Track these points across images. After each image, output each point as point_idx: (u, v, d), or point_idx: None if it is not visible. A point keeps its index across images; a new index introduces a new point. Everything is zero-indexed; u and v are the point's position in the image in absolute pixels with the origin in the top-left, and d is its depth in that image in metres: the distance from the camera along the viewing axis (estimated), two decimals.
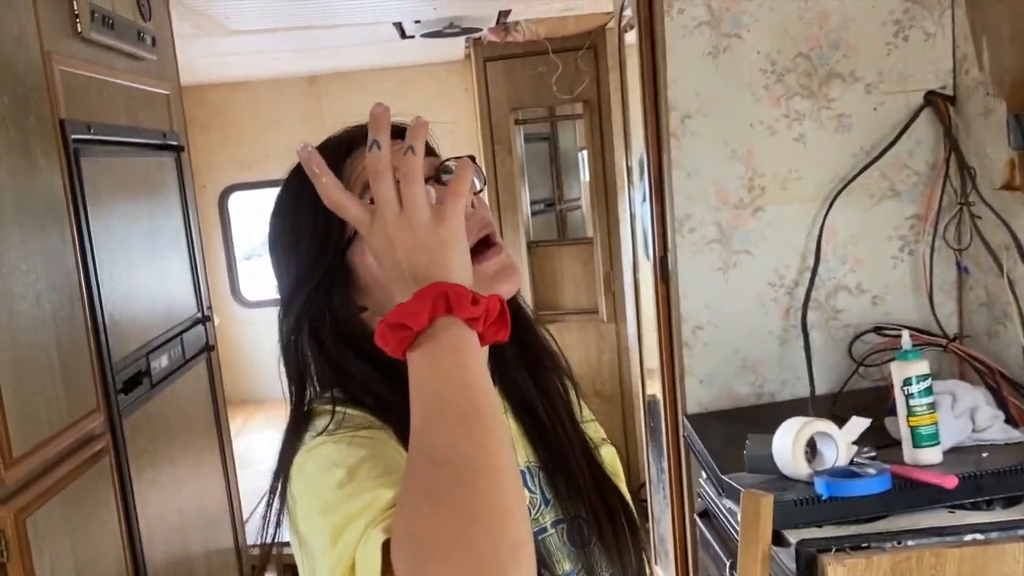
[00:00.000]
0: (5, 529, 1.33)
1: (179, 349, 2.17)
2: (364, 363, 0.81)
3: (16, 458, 1.37)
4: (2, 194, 1.41)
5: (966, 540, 1.56)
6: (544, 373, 0.94)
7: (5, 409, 1.34)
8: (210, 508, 2.39)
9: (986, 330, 2.07)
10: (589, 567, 0.90)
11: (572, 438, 0.94)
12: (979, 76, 1.99)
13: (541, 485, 0.90)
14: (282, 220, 0.87)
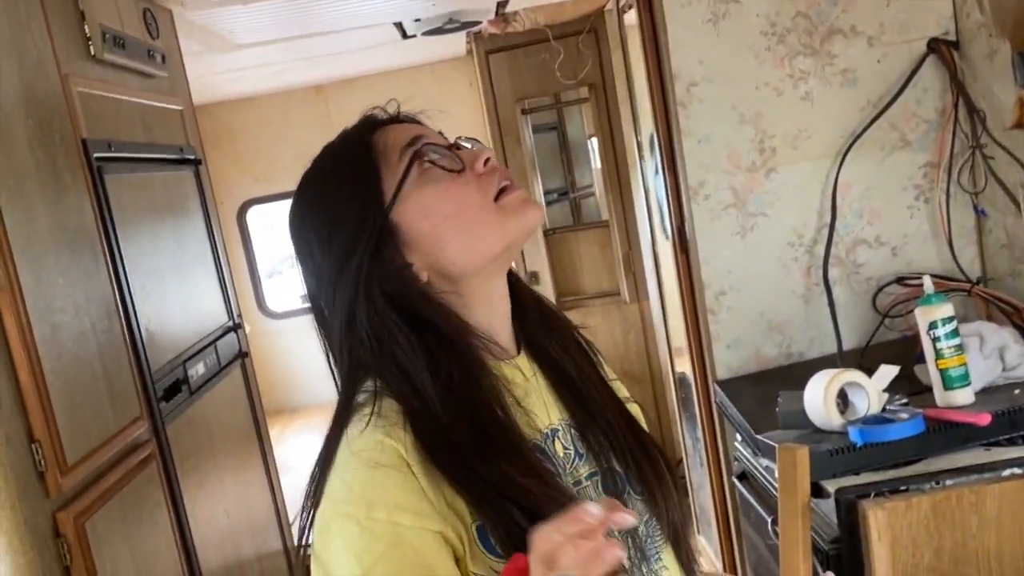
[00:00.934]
0: (66, 534, 1.38)
1: (214, 357, 2.22)
2: (409, 329, 0.85)
3: (71, 465, 1.42)
4: (35, 212, 1.46)
5: (1004, 475, 1.57)
6: (563, 333, 0.99)
7: (56, 418, 1.39)
8: (257, 511, 2.44)
9: (1009, 271, 2.08)
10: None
11: (601, 392, 0.98)
12: (980, 19, 2.00)
13: (574, 440, 0.94)
14: (317, 196, 0.90)
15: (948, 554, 1.57)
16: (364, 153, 0.88)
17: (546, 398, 0.94)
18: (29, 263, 1.40)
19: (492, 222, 0.87)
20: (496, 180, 0.87)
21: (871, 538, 1.56)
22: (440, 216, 0.86)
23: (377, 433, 0.82)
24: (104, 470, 1.55)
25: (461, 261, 0.87)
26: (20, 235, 1.39)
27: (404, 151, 0.87)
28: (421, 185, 0.87)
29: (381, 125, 0.92)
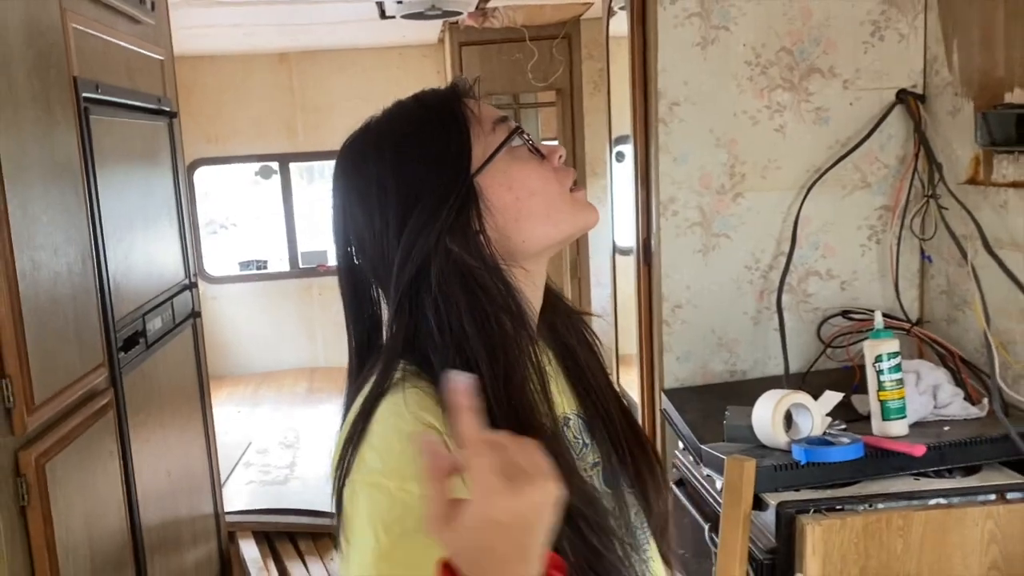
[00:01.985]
0: (27, 473, 1.36)
1: (170, 313, 2.19)
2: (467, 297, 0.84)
3: (37, 404, 1.40)
4: (26, 144, 1.43)
5: (931, 504, 1.69)
6: (577, 326, 1.01)
7: (29, 356, 1.37)
8: (194, 472, 2.41)
9: (945, 316, 2.21)
10: (620, 501, 0.95)
11: (605, 386, 1.00)
12: (948, 77, 2.13)
13: (582, 431, 0.96)
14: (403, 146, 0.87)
15: (873, 573, 1.67)
16: (462, 114, 0.88)
17: (561, 386, 0.96)
18: (17, 195, 1.38)
19: (568, 210, 0.90)
20: (571, 176, 0.91)
21: (806, 552, 1.66)
22: (526, 191, 0.88)
23: (414, 407, 0.80)
24: (65, 413, 1.53)
25: (531, 239, 0.89)
26: (12, 164, 1.36)
27: (498, 124, 0.89)
28: (510, 161, 0.88)
29: (470, 95, 0.92)
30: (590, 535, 0.80)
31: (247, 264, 5.28)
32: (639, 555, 0.94)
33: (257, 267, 5.27)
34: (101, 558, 1.68)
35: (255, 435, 3.83)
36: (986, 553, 1.68)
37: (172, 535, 2.20)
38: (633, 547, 0.93)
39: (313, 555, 2.85)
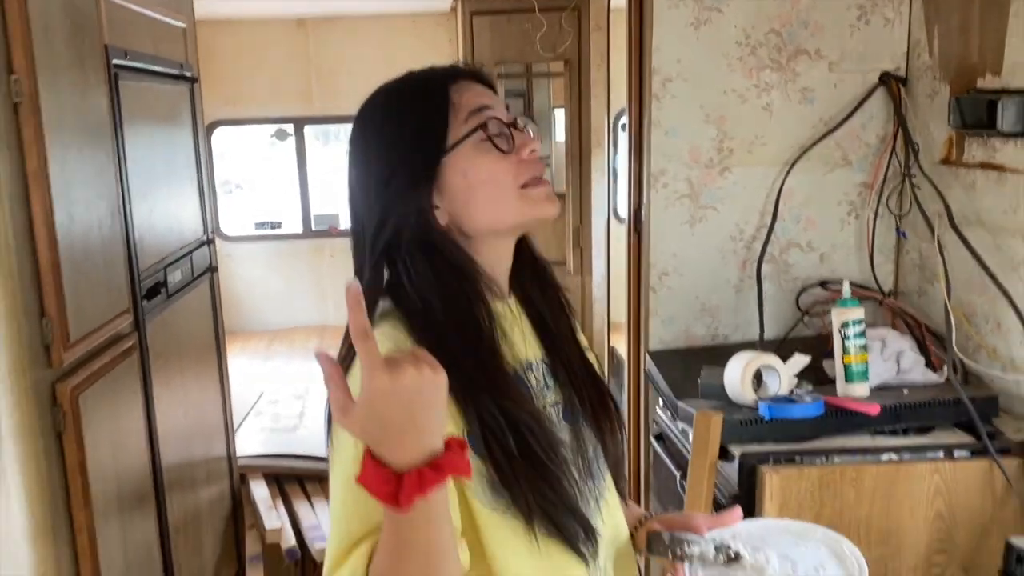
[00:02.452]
0: (63, 403, 1.53)
1: (189, 267, 2.35)
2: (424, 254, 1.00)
3: (71, 342, 1.56)
4: (64, 106, 1.58)
5: (883, 459, 1.84)
6: (551, 290, 1.16)
7: (65, 299, 1.53)
8: (209, 418, 2.59)
9: (917, 288, 2.34)
10: (579, 438, 1.11)
11: (571, 341, 1.15)
12: (929, 61, 2.24)
13: (545, 375, 1.11)
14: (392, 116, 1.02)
15: (827, 520, 1.82)
16: (443, 99, 1.00)
17: (527, 336, 1.11)
18: (57, 153, 1.53)
19: (513, 204, 1.02)
20: (531, 170, 1.02)
21: (765, 497, 1.81)
22: (477, 181, 1.01)
23: (387, 346, 0.94)
24: (95, 353, 1.69)
25: (478, 222, 1.03)
26: (53, 125, 1.51)
27: (472, 115, 1.01)
28: (473, 149, 1.01)
29: (462, 78, 1.04)
30: (535, 445, 0.96)
31: (262, 224, 5.45)
32: (593, 481, 1.10)
33: (271, 227, 5.43)
34: (127, 486, 1.86)
35: (267, 387, 4.02)
36: (932, 504, 1.83)
37: (188, 474, 2.38)
38: (588, 473, 1.09)
39: (319, 496, 3.03)
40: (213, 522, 2.58)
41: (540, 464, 0.97)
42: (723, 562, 1.06)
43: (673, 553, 1.08)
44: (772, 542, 1.11)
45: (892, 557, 1.85)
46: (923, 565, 1.86)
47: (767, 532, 1.14)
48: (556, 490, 0.98)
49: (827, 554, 1.09)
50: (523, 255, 1.12)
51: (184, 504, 2.32)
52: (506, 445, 0.95)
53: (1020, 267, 1.91)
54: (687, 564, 1.08)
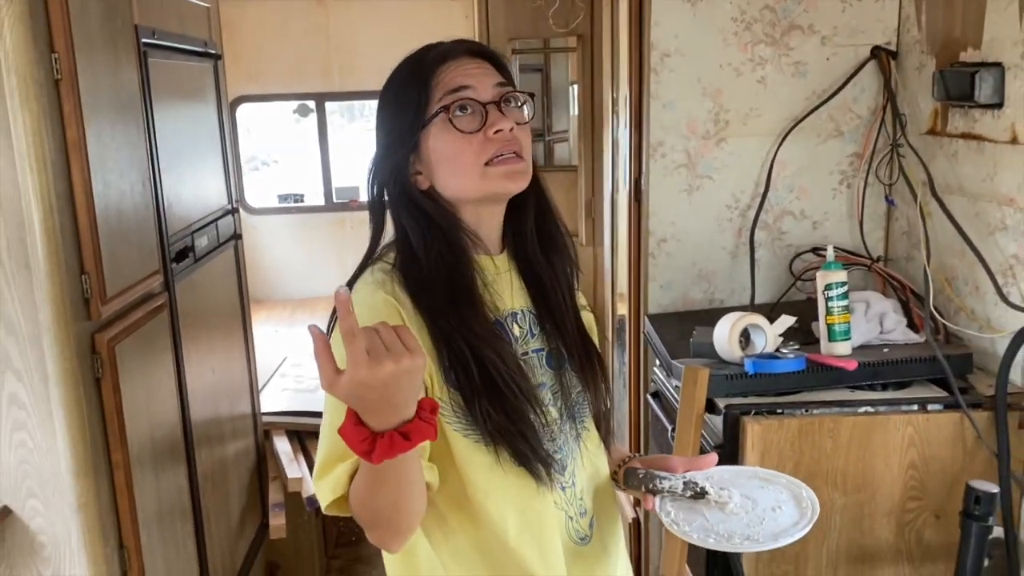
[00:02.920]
0: (101, 352, 1.69)
1: (215, 233, 2.51)
2: (413, 209, 1.16)
3: (108, 297, 1.72)
4: (100, 82, 1.73)
5: (859, 412, 1.96)
6: (557, 258, 1.26)
7: (102, 257, 1.68)
8: (234, 376, 2.75)
9: (905, 254, 2.45)
10: (562, 383, 1.24)
11: (566, 300, 1.26)
12: (917, 35, 2.33)
13: (529, 323, 1.23)
14: (389, 95, 1.18)
15: (805, 468, 1.96)
16: (425, 82, 1.14)
17: (515, 288, 1.22)
18: (94, 125, 1.67)
19: (474, 178, 1.14)
20: (495, 148, 1.13)
21: (747, 447, 1.94)
22: (441, 156, 1.14)
23: (381, 292, 1.11)
24: (129, 308, 1.85)
25: (446, 192, 1.17)
26: (89, 100, 1.65)
27: (447, 94, 1.13)
28: (441, 126, 1.13)
29: (460, 54, 1.16)
30: (498, 377, 1.11)
31: (285, 197, 5.61)
32: (574, 423, 1.23)
33: (295, 200, 5.59)
34: (159, 435, 2.02)
35: (291, 352, 4.19)
36: (905, 455, 1.95)
37: (216, 428, 2.55)
38: (570, 415, 1.23)
39: None
40: (239, 473, 2.76)
41: (502, 394, 1.11)
42: (689, 496, 1.18)
43: (646, 487, 1.21)
44: (739, 484, 1.23)
45: (868, 503, 1.98)
46: (897, 511, 1.98)
47: (737, 476, 1.26)
48: (514, 419, 1.12)
49: (787, 496, 1.20)
50: (528, 225, 1.23)
51: (212, 456, 2.49)
52: (472, 376, 1.09)
53: (996, 232, 2.02)
54: (658, 497, 1.20)
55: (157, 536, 1.95)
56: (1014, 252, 1.95)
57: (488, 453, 1.12)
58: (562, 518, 1.20)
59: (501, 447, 1.12)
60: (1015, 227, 1.94)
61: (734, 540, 1.12)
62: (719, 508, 1.17)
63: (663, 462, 1.28)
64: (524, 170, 1.16)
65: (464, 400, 1.11)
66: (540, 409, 1.16)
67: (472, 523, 1.14)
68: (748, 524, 1.15)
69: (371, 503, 1.02)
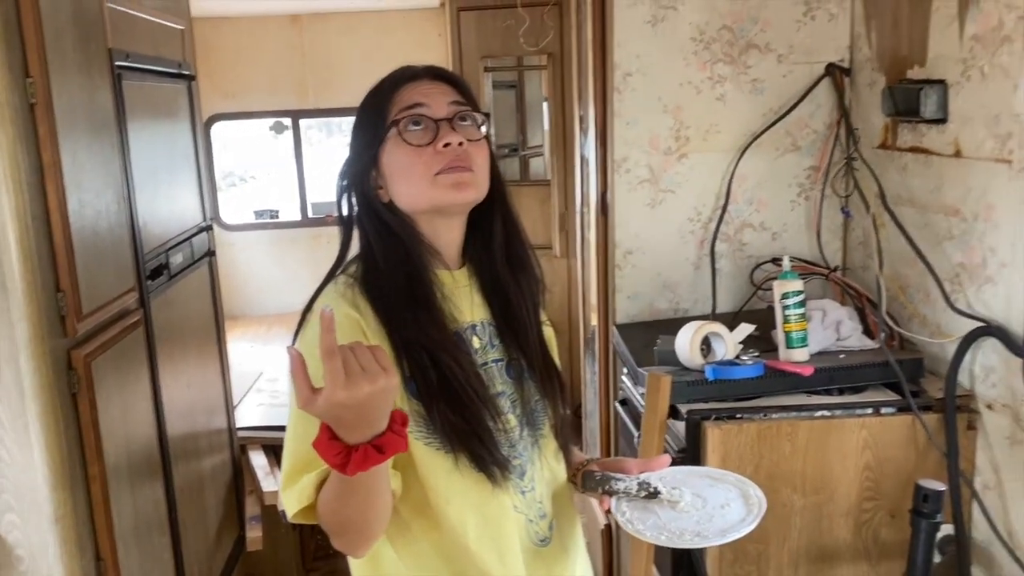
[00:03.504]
0: (77, 368, 1.73)
1: (189, 250, 2.55)
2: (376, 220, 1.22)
3: (84, 314, 1.76)
4: (75, 105, 1.78)
5: (816, 416, 2.03)
6: (523, 277, 1.31)
7: (78, 275, 1.73)
8: (210, 392, 2.79)
9: (861, 264, 2.54)
10: (522, 392, 1.28)
11: (530, 314, 1.31)
12: (868, 53, 2.42)
13: (489, 335, 1.27)
14: (359, 114, 1.25)
15: (765, 471, 2.03)
16: (385, 101, 1.21)
17: (475, 301, 1.27)
18: (68, 147, 1.72)
19: (424, 188, 1.19)
20: (443, 160, 1.18)
21: (708, 450, 2.01)
22: (395, 168, 1.20)
23: (346, 306, 1.16)
24: (105, 325, 1.89)
25: (401, 204, 1.22)
26: (64, 122, 1.70)
27: (401, 111, 1.20)
28: (394, 142, 1.20)
29: (424, 77, 1.23)
30: (456, 384, 1.16)
31: (261, 213, 5.65)
32: (532, 430, 1.28)
33: (270, 216, 5.63)
34: (136, 449, 2.06)
35: (266, 367, 4.23)
36: (860, 456, 2.03)
37: (192, 443, 2.58)
38: (530, 422, 1.28)
39: None
40: (216, 487, 2.79)
41: (459, 399, 1.16)
42: (643, 496, 1.23)
43: (603, 489, 1.27)
44: (690, 483, 1.28)
45: (826, 504, 2.05)
46: (854, 511, 2.06)
47: (688, 476, 1.31)
48: (471, 422, 1.16)
49: (735, 494, 1.26)
50: (494, 236, 1.28)
51: (188, 469, 2.52)
52: (430, 382, 1.14)
53: (943, 242, 2.11)
54: (614, 498, 1.26)
55: (134, 549, 1.99)
56: (960, 260, 2.04)
57: (447, 458, 1.16)
58: (522, 521, 1.24)
59: (460, 452, 1.16)
60: (960, 237, 2.03)
61: (685, 537, 1.18)
62: (671, 507, 1.23)
63: (619, 464, 1.33)
64: (472, 181, 1.19)
65: (424, 406, 1.15)
66: (498, 415, 1.21)
67: (433, 528, 1.19)
68: (698, 521, 1.20)
69: (341, 512, 1.07)
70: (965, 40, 1.97)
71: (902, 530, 2.00)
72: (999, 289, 1.90)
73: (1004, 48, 1.83)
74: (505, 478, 1.20)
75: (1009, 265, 1.86)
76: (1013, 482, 1.90)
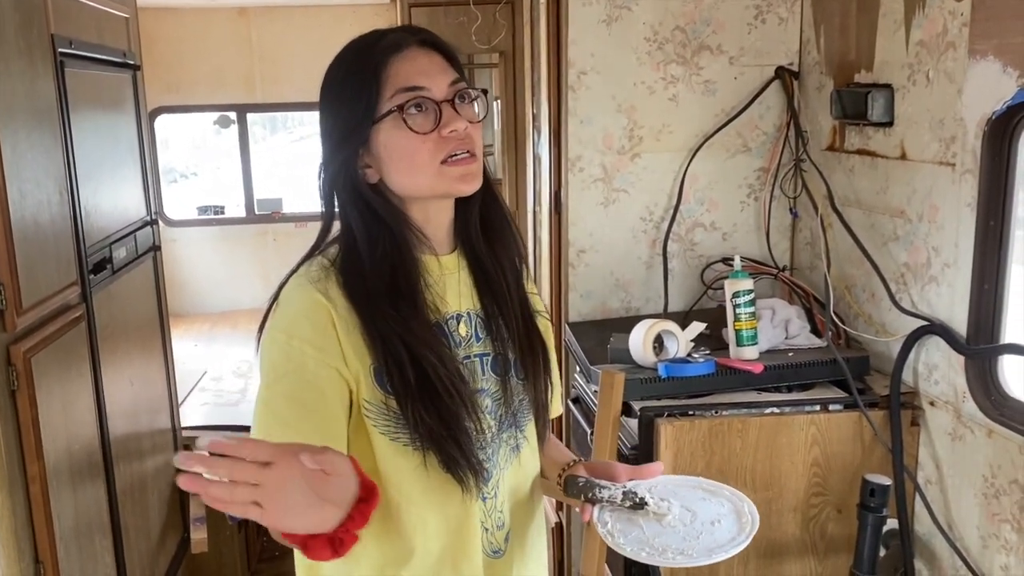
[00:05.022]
0: (16, 363, 1.67)
1: (133, 244, 2.48)
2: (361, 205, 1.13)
3: (24, 309, 1.70)
4: (16, 92, 1.72)
5: (766, 412, 2.06)
6: (500, 247, 1.23)
7: (18, 268, 1.66)
8: (154, 391, 2.72)
9: (809, 264, 2.58)
10: (506, 389, 1.20)
11: (513, 296, 1.23)
12: (817, 57, 2.47)
13: (475, 326, 1.20)
14: (335, 87, 1.13)
15: (716, 467, 2.05)
16: (376, 75, 1.09)
17: (462, 290, 1.19)
18: (9, 135, 1.66)
19: (429, 177, 1.11)
20: (450, 148, 1.10)
21: (661, 447, 2.03)
22: (394, 154, 1.12)
23: (314, 291, 1.09)
24: (46, 320, 1.83)
25: (397, 189, 1.14)
26: (4, 110, 1.64)
27: (399, 92, 1.09)
28: (393, 125, 1.10)
29: (411, 45, 1.11)
30: (436, 382, 1.10)
31: (205, 209, 5.53)
32: (515, 430, 1.22)
33: (215, 212, 5.52)
34: (77, 448, 2.00)
35: (210, 366, 4.14)
36: (809, 452, 2.07)
37: (135, 442, 2.51)
38: (512, 422, 1.21)
39: None
40: (159, 487, 2.72)
41: (438, 398, 1.09)
42: (628, 507, 1.14)
43: (585, 496, 1.17)
44: (681, 495, 1.19)
45: (775, 500, 2.08)
46: (802, 507, 2.09)
47: (680, 486, 1.22)
48: (449, 423, 1.10)
49: (728, 510, 1.18)
50: (474, 215, 1.20)
51: (131, 470, 2.46)
52: (407, 378, 1.08)
53: (889, 242, 2.16)
54: (596, 507, 1.16)
55: (75, 551, 1.93)
56: (905, 261, 2.09)
57: (415, 457, 1.11)
58: (478, 529, 1.18)
59: (430, 452, 1.10)
60: (905, 238, 2.08)
61: (667, 554, 1.10)
62: (657, 520, 1.15)
63: (607, 469, 1.24)
64: (477, 171, 1.14)
65: (398, 402, 1.09)
66: (477, 415, 1.14)
67: (387, 529, 1.13)
68: (684, 538, 1.13)
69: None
70: (911, 45, 2.02)
71: (848, 525, 2.04)
72: (942, 289, 1.96)
73: (949, 54, 1.88)
74: (476, 484, 1.14)
75: (952, 265, 1.91)
76: (954, 477, 1.95)
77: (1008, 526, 1.78)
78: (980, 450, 1.85)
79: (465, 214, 1.20)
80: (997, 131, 1.77)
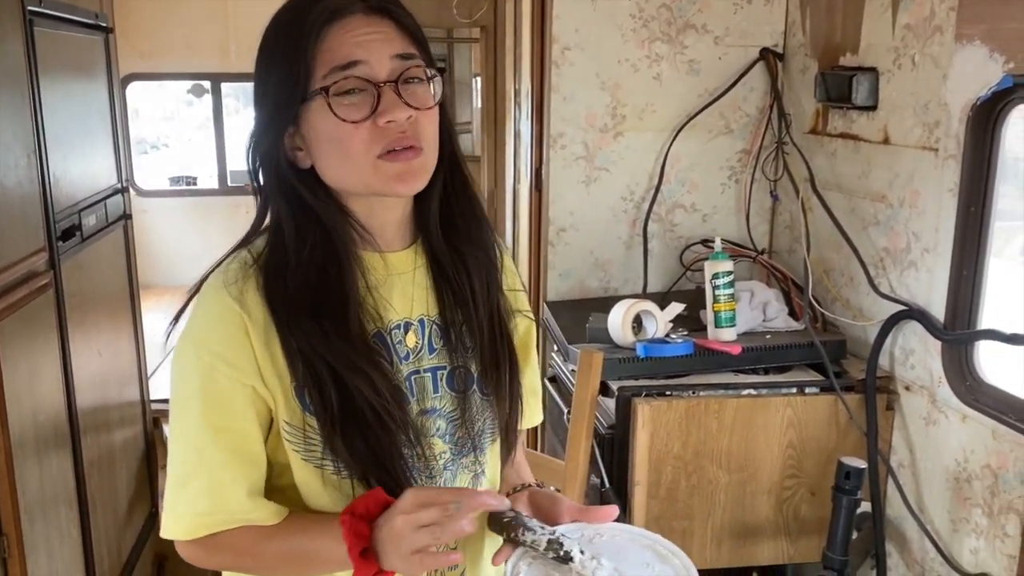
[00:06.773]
0: None
1: (103, 212, 2.42)
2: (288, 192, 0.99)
3: None
4: None
5: (743, 394, 2.07)
6: (468, 245, 1.05)
7: None
8: (123, 363, 2.67)
9: (788, 247, 2.58)
10: (465, 408, 1.05)
11: (479, 301, 1.05)
12: (802, 39, 2.45)
13: (429, 336, 1.04)
14: (265, 57, 0.98)
15: (692, 448, 2.05)
16: (307, 46, 0.93)
17: (416, 294, 1.03)
18: None
19: (362, 172, 0.95)
20: (388, 141, 0.93)
21: (637, 426, 2.02)
22: (324, 139, 0.95)
23: (228, 297, 0.95)
24: (12, 287, 1.78)
25: (329, 180, 0.98)
26: None
27: (333, 71, 0.93)
28: (321, 106, 0.93)
29: (353, 12, 0.94)
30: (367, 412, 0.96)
31: (177, 180, 5.44)
32: (477, 455, 1.07)
33: (187, 183, 5.43)
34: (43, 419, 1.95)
35: None
36: (784, 434, 2.07)
37: (102, 414, 2.47)
38: (472, 446, 1.06)
39: None
40: (127, 461, 2.68)
41: (367, 425, 0.96)
42: (552, 558, 0.97)
43: (508, 535, 1.00)
44: (622, 555, 1.00)
45: (749, 481, 2.09)
46: (776, 489, 2.10)
47: (628, 544, 1.03)
48: (379, 453, 0.96)
49: None
50: (432, 208, 1.03)
51: (99, 442, 2.41)
52: (329, 403, 0.95)
53: (869, 227, 2.16)
54: (515, 552, 0.99)
55: (40, 524, 1.89)
56: (884, 245, 2.09)
57: (341, 487, 0.98)
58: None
59: (359, 482, 0.97)
60: (885, 222, 2.08)
61: None
62: None
63: (551, 505, 1.05)
64: (421, 167, 0.96)
65: (320, 426, 0.96)
66: (420, 441, 1.00)
67: None
68: None
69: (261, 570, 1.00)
70: (897, 29, 2.01)
71: (821, 507, 2.06)
72: (921, 274, 1.96)
73: (935, 38, 1.88)
74: None
75: (932, 250, 1.91)
76: (926, 461, 1.97)
77: (979, 510, 1.80)
78: (953, 435, 1.87)
79: (423, 206, 1.03)
80: (981, 117, 1.76)
